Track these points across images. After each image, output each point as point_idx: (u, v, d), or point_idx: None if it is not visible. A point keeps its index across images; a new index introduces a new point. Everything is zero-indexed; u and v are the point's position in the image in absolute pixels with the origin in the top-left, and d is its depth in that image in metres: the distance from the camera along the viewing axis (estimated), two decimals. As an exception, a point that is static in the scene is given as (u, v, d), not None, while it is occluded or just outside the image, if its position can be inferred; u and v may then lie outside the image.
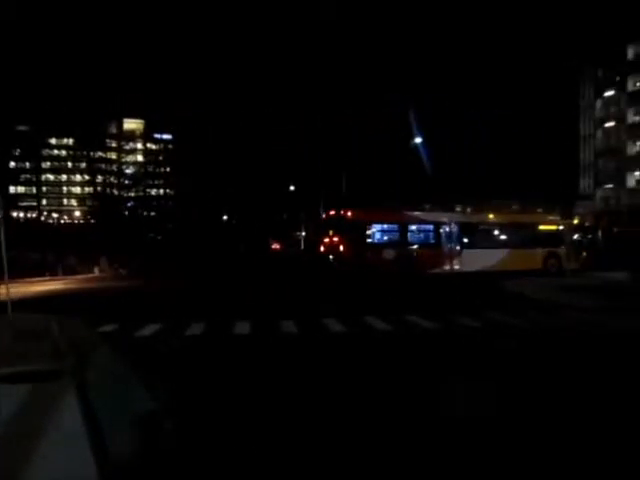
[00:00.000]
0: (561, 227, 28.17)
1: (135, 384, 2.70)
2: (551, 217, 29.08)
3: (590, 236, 31.78)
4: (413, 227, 25.13)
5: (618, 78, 51.17)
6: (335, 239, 24.12)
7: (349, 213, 23.99)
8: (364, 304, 16.19)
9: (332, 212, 25.27)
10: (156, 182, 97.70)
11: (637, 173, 50.32)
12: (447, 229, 25.41)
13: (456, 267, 25.08)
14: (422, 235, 25.28)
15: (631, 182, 50.47)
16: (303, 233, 56.14)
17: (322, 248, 25.52)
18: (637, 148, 50.22)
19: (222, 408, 6.09)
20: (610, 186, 51.60)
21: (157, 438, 2.52)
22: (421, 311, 13.93)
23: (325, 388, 6.95)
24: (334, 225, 24.47)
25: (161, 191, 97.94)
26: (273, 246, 57.70)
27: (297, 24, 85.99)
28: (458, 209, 50.07)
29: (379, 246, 24.00)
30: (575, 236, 28.41)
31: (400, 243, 24.33)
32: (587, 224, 32.45)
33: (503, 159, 56.76)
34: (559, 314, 13.70)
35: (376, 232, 24.47)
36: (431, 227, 25.35)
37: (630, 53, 50.39)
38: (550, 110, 56.56)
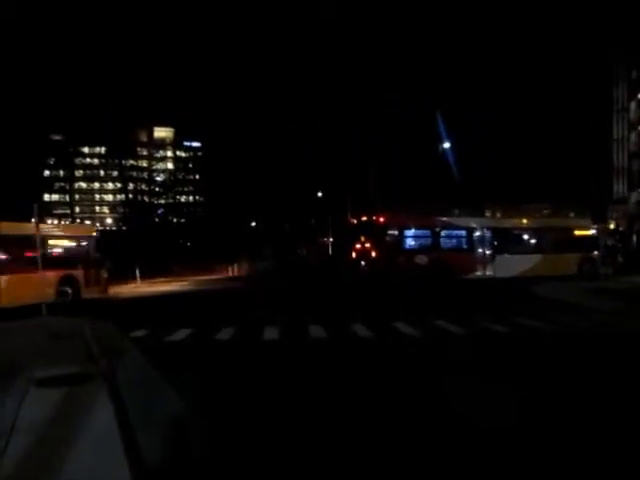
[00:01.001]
0: (595, 231, 27.67)
1: (166, 388, 2.72)
2: (585, 221, 28.59)
3: (624, 240, 31.27)
4: (446, 232, 24.97)
5: (653, 78, 50.10)
6: (367, 245, 23.97)
7: (381, 218, 23.92)
8: (394, 310, 16.14)
9: (363, 217, 25.15)
10: (185, 189, 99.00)
11: (673, 176, 49.07)
12: (480, 234, 25.20)
13: (489, 273, 24.88)
14: (455, 241, 25.13)
15: (668, 185, 49.21)
16: (331, 239, 56.11)
17: (353, 254, 25.28)
18: (673, 150, 49.05)
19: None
20: (645, 189, 50.27)
21: (187, 442, 2.53)
22: (451, 317, 13.82)
23: (354, 396, 6.92)
24: (366, 230, 24.31)
25: (190, 198, 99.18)
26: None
27: (296, 24, 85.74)
28: (488, 214, 49.73)
29: (412, 252, 23.87)
30: (609, 241, 27.85)
31: (433, 249, 24.17)
32: (621, 228, 31.63)
33: (534, 162, 55.97)
34: (588, 316, 13.57)
35: (408, 237, 24.37)
36: (464, 232, 25.13)
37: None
38: (583, 113, 55.46)
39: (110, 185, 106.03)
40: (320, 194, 56.16)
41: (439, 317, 13.75)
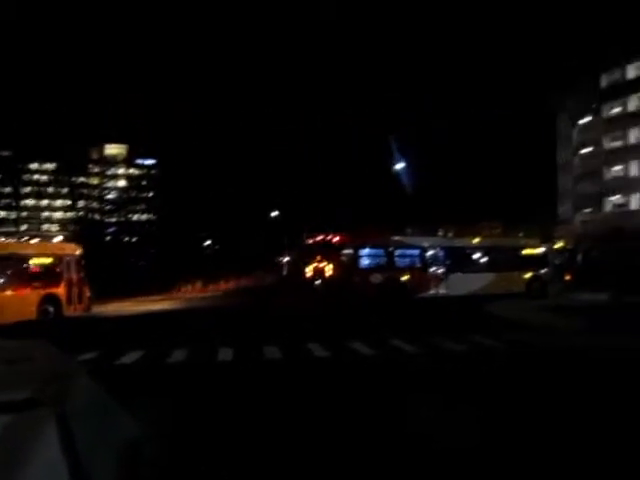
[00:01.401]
0: (544, 250, 28.69)
1: (119, 412, 2.64)
2: (534, 241, 29.64)
3: (571, 259, 32.42)
4: (400, 252, 25.31)
5: (594, 105, 52.44)
6: (322, 264, 24.08)
7: (337, 238, 24.08)
8: (350, 328, 16.19)
9: (319, 237, 25.27)
10: (138, 207, 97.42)
11: (614, 197, 51.15)
12: (433, 253, 25.66)
13: (442, 291, 25.24)
14: (409, 260, 25.43)
15: (608, 206, 51.31)
16: (286, 258, 56.03)
17: (308, 273, 25.46)
18: (614, 173, 51.14)
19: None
20: (589, 210, 52.43)
21: (141, 466, 2.46)
22: (405, 335, 13.93)
23: (308, 416, 6.90)
24: (321, 250, 24.44)
25: (143, 216, 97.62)
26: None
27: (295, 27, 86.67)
28: (441, 233, 50.76)
29: (367, 270, 24.06)
30: (557, 259, 29.04)
31: (387, 268, 24.43)
32: (569, 247, 32.95)
33: (486, 185, 57.93)
34: (542, 334, 13.88)
35: (364, 257, 24.54)
36: (417, 252, 25.56)
37: (604, 81, 51.74)
38: (529, 139, 58.01)
39: (59, 202, 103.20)
40: (276, 213, 56.12)
41: (394, 336, 13.80)
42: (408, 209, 49.86)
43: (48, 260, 19.77)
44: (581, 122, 53.01)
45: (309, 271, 25.43)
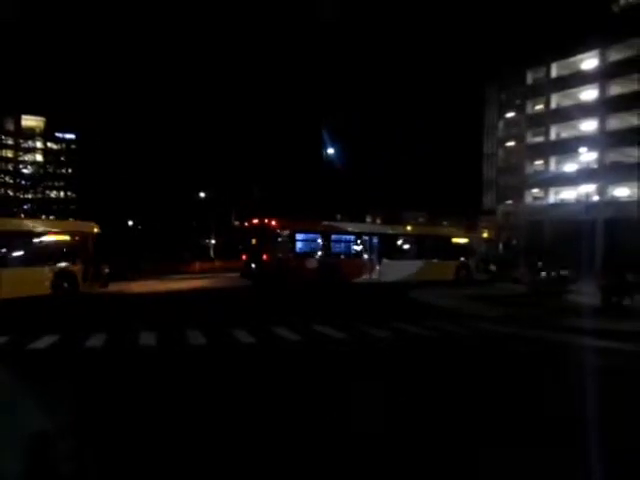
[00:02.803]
0: (470, 240, 29.91)
1: (26, 403, 2.47)
2: (461, 230, 30.90)
3: (494, 249, 33.62)
4: (335, 238, 25.73)
5: (519, 101, 54.36)
6: (258, 248, 24.23)
7: (273, 222, 24.16)
8: (281, 314, 16.11)
9: (255, 220, 25.20)
10: (57, 184, 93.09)
11: (534, 190, 53.45)
12: (367, 240, 26.16)
13: (375, 277, 25.87)
14: (344, 246, 25.96)
15: (529, 198, 53.60)
16: (213, 241, 55.25)
17: (243, 257, 25.64)
18: (534, 167, 53.41)
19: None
20: (510, 202, 54.57)
21: (48, 460, 2.31)
22: (334, 322, 14.00)
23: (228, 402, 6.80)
24: (257, 233, 24.54)
25: (62, 193, 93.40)
26: None
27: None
28: (369, 220, 51.45)
29: (302, 255, 24.43)
30: (482, 248, 30.09)
31: (322, 253, 24.88)
32: (492, 238, 34.01)
33: (414, 174, 58.69)
34: (468, 323, 14.31)
35: (299, 241, 24.86)
36: (352, 238, 26.04)
37: (529, 78, 53.69)
38: (457, 129, 59.39)
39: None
40: (203, 194, 55.08)
41: (322, 322, 13.83)
42: (336, 196, 49.88)
43: (64, 237, 20.84)
44: (507, 116, 55.15)
45: (244, 255, 25.56)
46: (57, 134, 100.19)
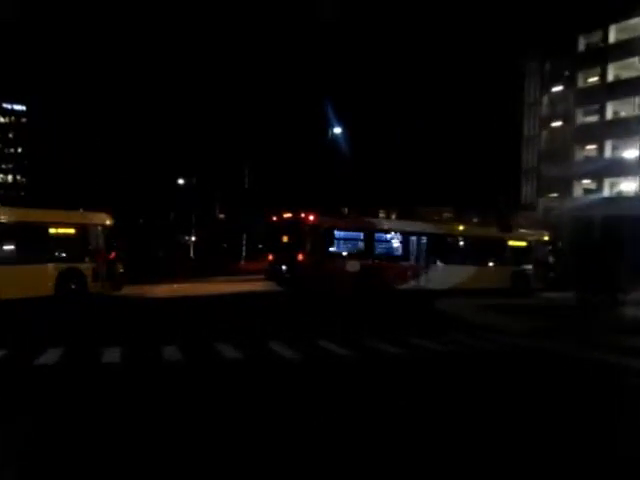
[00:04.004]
0: (531, 243, 30.39)
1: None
2: (522, 231, 31.83)
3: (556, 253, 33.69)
4: (379, 237, 26.56)
5: (567, 72, 53.93)
6: (290, 247, 24.90)
7: (311, 217, 24.83)
8: (323, 324, 16.92)
9: (287, 215, 25.98)
10: (3, 166, 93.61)
11: (585, 181, 53.11)
12: (414, 241, 26.93)
13: (422, 284, 26.57)
14: (388, 246, 26.79)
15: (578, 191, 53.21)
16: (193, 238, 55.55)
17: (271, 257, 26.42)
18: (585, 153, 53.21)
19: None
20: (555, 195, 54.26)
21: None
22: (385, 335, 14.51)
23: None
24: (289, 230, 25.25)
25: (9, 177, 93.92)
26: None
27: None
28: (382, 215, 51.50)
29: (342, 257, 25.17)
30: (542, 253, 30.55)
31: (364, 254, 25.59)
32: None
33: (433, 162, 58.12)
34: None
35: (339, 241, 25.65)
36: (398, 238, 26.74)
37: (581, 44, 53.15)
38: (490, 107, 58.50)
39: None
40: (181, 181, 55.23)
41: (372, 335, 14.49)
42: (342, 185, 50.08)
43: (71, 230, 21.43)
44: (552, 90, 54.91)
45: (273, 255, 26.29)
46: (5, 104, 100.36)
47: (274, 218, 26.86)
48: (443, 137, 57.10)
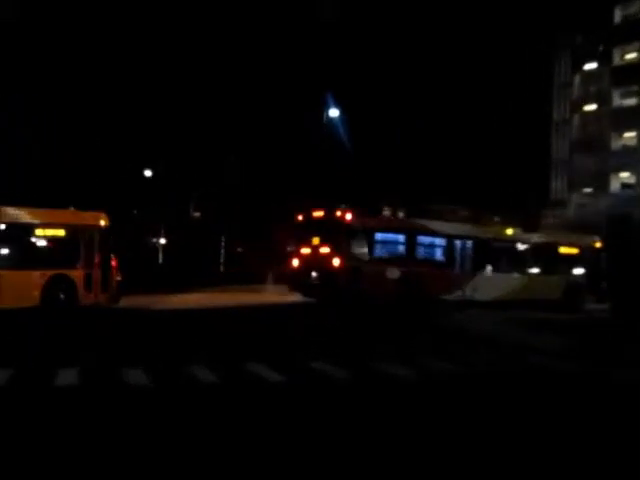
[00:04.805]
0: (581, 250, 30.83)
1: None
2: (575, 236, 32.35)
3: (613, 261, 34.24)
4: (422, 240, 26.95)
5: (602, 48, 53.62)
6: (323, 249, 25.03)
7: (348, 215, 24.77)
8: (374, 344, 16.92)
9: (317, 213, 26.10)
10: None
11: (623, 174, 52.60)
12: (460, 245, 27.61)
13: (468, 294, 26.78)
14: (431, 251, 27.52)
15: (615, 185, 52.75)
16: (162, 240, 54.20)
17: (296, 261, 26.42)
18: (623, 141, 52.64)
19: None
20: (589, 190, 53.89)
21: None
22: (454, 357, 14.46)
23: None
24: (321, 230, 25.36)
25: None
26: None
27: None
28: (386, 212, 50.34)
29: (382, 263, 25.23)
30: (594, 261, 31.03)
31: (406, 260, 25.82)
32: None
33: (446, 151, 57.15)
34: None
35: (378, 244, 25.84)
36: (444, 241, 27.26)
37: (617, 15, 53.06)
38: (512, 89, 57.64)
39: None
40: (149, 173, 53.75)
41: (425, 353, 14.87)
42: (338, 177, 48.89)
43: (60, 232, 21.64)
44: (585, 68, 54.62)
45: (298, 259, 26.24)
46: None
47: (300, 217, 26.92)
48: (459, 125, 56.10)
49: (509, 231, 30.05)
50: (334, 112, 43.25)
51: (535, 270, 28.97)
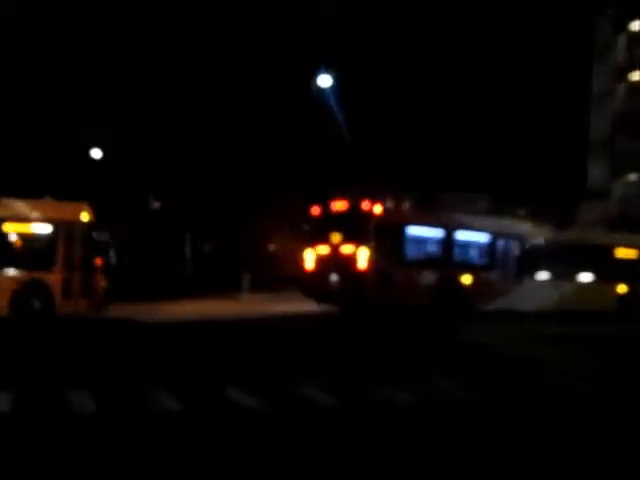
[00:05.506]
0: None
1: None
2: (631, 236, 32.14)
3: None
4: (462, 238, 26.89)
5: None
6: (345, 248, 24.81)
7: (377, 207, 24.43)
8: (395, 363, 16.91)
9: (339, 204, 25.82)
10: None
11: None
12: (504, 246, 27.85)
13: (511, 303, 26.75)
14: (471, 252, 27.57)
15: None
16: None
17: (310, 262, 26.37)
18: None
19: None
20: (634, 177, 52.03)
21: None
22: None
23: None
24: (343, 225, 25.18)
25: None
26: None
27: None
28: (390, 203, 48.91)
29: (416, 264, 25.51)
30: None
31: (442, 261, 26.06)
32: None
33: (460, 132, 56.50)
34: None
35: (411, 242, 25.96)
36: (486, 241, 27.41)
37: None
38: (548, 58, 56.70)
39: None
40: (99, 153, 50.96)
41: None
42: (329, 159, 48.89)
43: (33, 228, 21.61)
44: (631, 28, 53.50)
45: (316, 259, 26.15)
46: None
47: (316, 209, 26.78)
48: (476, 101, 54.98)
49: (560, 229, 30.07)
50: (324, 80, 41.55)
51: (588, 276, 29.21)
